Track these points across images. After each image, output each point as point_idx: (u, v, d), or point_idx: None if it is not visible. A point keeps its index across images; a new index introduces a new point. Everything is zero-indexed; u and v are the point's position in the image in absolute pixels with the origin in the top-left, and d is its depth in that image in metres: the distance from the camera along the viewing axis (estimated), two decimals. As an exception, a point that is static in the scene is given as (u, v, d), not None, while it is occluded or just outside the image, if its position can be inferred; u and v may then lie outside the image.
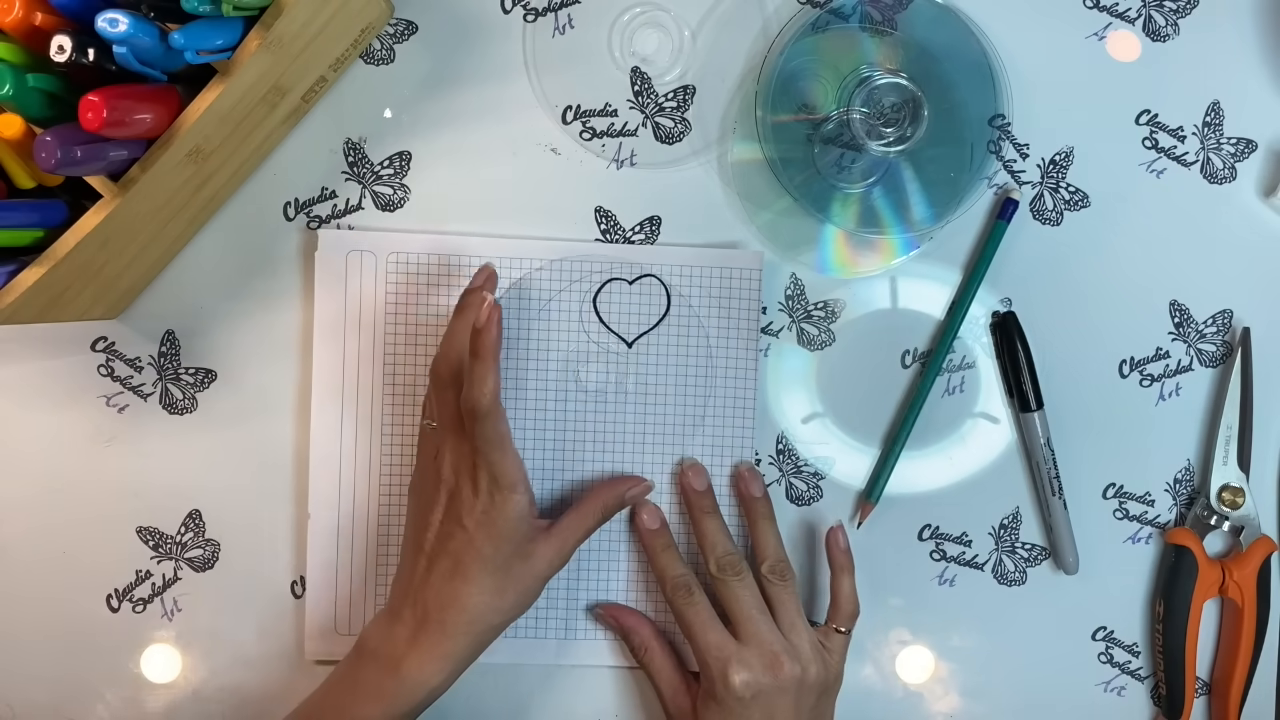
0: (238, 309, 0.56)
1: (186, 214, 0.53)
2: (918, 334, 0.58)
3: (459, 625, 0.49)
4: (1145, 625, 0.58)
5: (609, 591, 0.57)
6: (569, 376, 0.56)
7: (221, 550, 0.57)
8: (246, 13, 0.44)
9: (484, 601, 0.50)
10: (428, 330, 0.56)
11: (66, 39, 0.40)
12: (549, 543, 0.52)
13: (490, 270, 0.55)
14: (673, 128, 0.57)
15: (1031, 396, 0.56)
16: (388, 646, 0.50)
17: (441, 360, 0.51)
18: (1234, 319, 0.58)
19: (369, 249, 0.55)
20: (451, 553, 0.50)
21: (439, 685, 0.50)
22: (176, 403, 0.57)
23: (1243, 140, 0.57)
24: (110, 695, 0.57)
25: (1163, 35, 0.57)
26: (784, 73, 0.55)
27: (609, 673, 0.58)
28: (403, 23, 0.56)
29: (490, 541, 0.50)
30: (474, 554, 0.49)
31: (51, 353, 0.56)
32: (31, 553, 0.56)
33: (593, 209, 0.57)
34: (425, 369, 0.56)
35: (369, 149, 0.56)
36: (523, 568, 0.51)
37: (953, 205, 0.55)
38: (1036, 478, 0.57)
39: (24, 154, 0.46)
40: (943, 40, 0.55)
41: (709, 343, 0.56)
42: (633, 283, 0.56)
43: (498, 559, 0.50)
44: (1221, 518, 0.57)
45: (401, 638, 0.50)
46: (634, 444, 0.57)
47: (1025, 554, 0.58)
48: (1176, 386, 0.58)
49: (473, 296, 0.53)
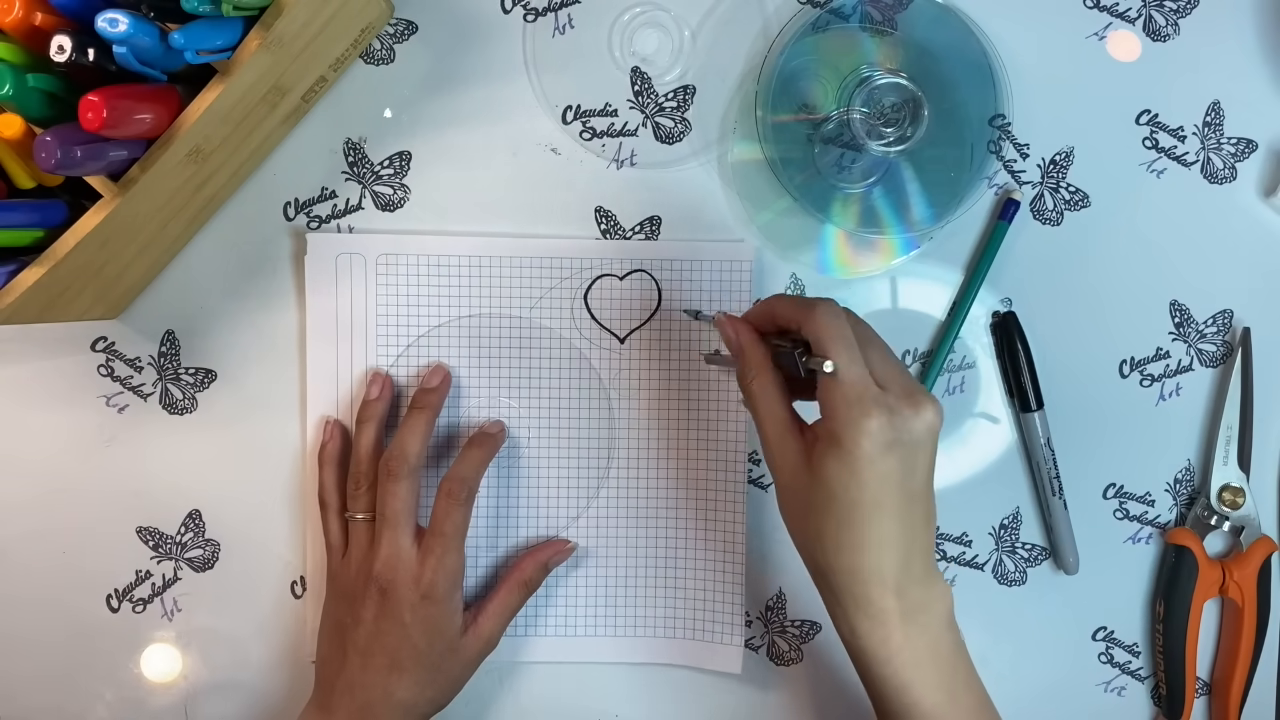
0: (238, 309, 0.56)
1: (186, 214, 0.53)
2: (918, 334, 0.58)
3: (394, 718, 0.51)
4: (1145, 625, 0.58)
5: (608, 590, 0.57)
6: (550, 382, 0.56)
7: (221, 550, 0.57)
8: (246, 13, 0.44)
9: (417, 693, 0.51)
10: (419, 332, 0.56)
11: (66, 39, 0.40)
12: (477, 633, 0.53)
13: (445, 371, 0.55)
14: (673, 128, 0.57)
15: (1032, 396, 0.56)
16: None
17: (397, 455, 0.52)
18: (1234, 319, 0.58)
19: (359, 251, 0.55)
20: (388, 650, 0.50)
21: None
22: (176, 403, 0.57)
23: (1243, 140, 0.57)
24: (110, 695, 0.57)
25: (1163, 35, 0.57)
26: (784, 73, 0.55)
27: (610, 670, 0.58)
28: (403, 23, 0.56)
29: (425, 637, 0.51)
30: (409, 649, 0.50)
31: (51, 353, 0.56)
32: (31, 553, 0.56)
33: (593, 209, 0.57)
34: (419, 369, 0.56)
35: (369, 149, 0.56)
36: (453, 660, 0.52)
37: (953, 205, 0.55)
38: (1037, 478, 0.57)
39: (24, 154, 0.46)
40: (943, 40, 0.55)
41: (702, 338, 0.56)
42: (623, 278, 0.56)
43: (431, 655, 0.51)
44: (1222, 518, 0.57)
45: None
46: (630, 443, 0.57)
47: (1025, 554, 0.58)
48: (1177, 386, 0.58)
49: (431, 396, 0.54)
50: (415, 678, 0.51)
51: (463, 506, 0.52)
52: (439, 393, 0.54)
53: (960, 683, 0.44)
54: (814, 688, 0.58)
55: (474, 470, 0.53)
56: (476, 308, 0.56)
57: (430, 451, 0.54)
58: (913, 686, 0.43)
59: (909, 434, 0.41)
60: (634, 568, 0.57)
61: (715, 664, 0.57)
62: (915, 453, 0.42)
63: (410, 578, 0.50)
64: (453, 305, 0.56)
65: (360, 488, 0.53)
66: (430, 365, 0.56)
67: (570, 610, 0.57)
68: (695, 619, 0.57)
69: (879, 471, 0.41)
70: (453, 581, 0.51)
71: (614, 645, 0.57)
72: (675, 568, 0.57)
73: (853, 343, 0.42)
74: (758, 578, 0.58)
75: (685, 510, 0.57)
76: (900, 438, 0.41)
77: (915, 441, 0.41)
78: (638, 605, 0.57)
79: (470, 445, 0.54)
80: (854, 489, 0.41)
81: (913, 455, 0.41)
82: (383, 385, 0.55)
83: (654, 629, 0.57)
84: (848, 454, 0.41)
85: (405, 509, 0.51)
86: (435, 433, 0.55)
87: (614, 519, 0.57)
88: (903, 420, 0.41)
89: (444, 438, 0.56)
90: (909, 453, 0.41)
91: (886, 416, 0.41)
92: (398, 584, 0.50)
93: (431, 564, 0.50)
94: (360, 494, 0.53)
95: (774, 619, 0.58)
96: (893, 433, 0.41)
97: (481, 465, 0.53)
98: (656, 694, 0.57)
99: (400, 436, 0.52)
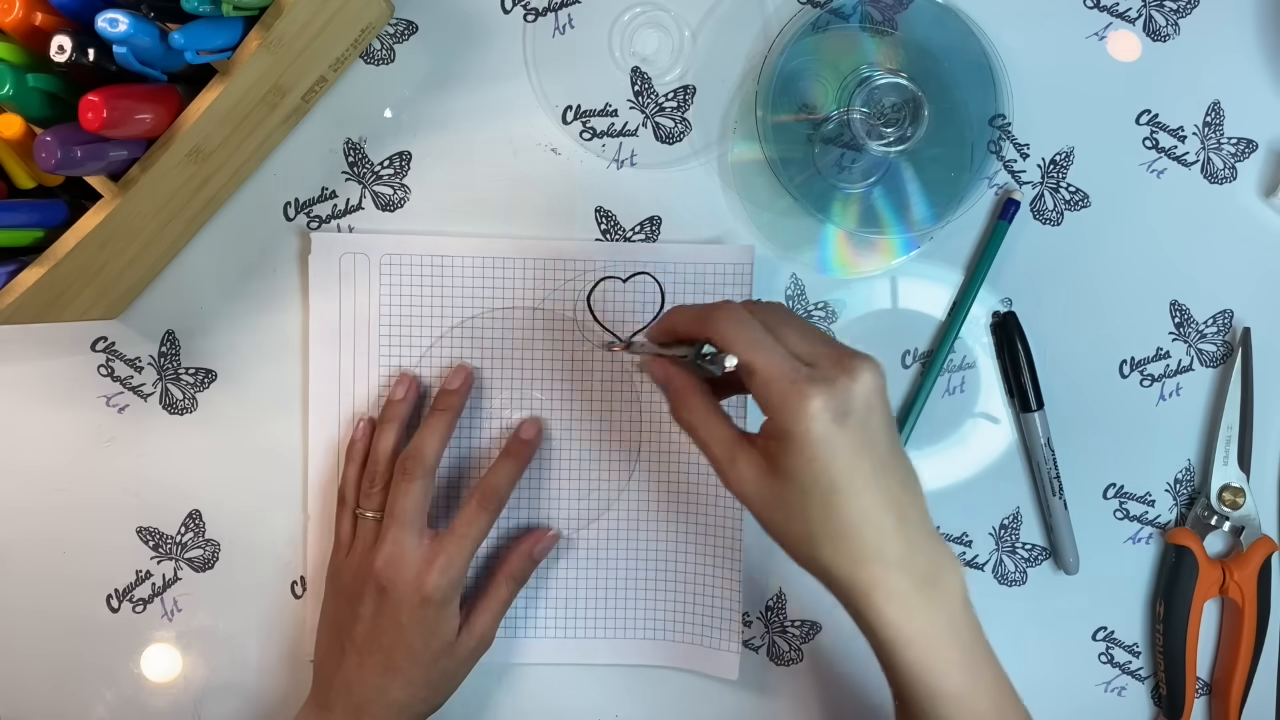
0: (238, 309, 0.56)
1: (186, 214, 0.53)
2: (918, 334, 0.58)
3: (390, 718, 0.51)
4: (1145, 625, 0.58)
5: (606, 590, 0.57)
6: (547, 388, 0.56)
7: (221, 550, 0.57)
8: (246, 13, 0.44)
9: (412, 693, 0.51)
10: (423, 331, 0.56)
11: (66, 39, 0.40)
12: (472, 631, 0.53)
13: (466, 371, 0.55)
14: (673, 128, 0.57)
15: (1032, 396, 0.56)
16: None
17: (413, 455, 0.52)
18: (1234, 319, 0.58)
19: (362, 251, 0.55)
20: (384, 648, 0.50)
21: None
22: (176, 403, 0.57)
23: (1243, 140, 0.57)
24: (110, 695, 0.57)
25: (1163, 35, 0.57)
26: (784, 73, 0.55)
27: (610, 671, 0.58)
28: (403, 23, 0.56)
29: (422, 639, 0.51)
30: (405, 650, 0.50)
31: (51, 353, 0.56)
32: (31, 553, 0.56)
33: (593, 209, 0.57)
34: (419, 369, 0.56)
35: (369, 149, 0.56)
36: (449, 660, 0.52)
37: (953, 205, 0.55)
38: (1037, 478, 0.57)
39: (24, 154, 0.46)
40: (943, 40, 0.55)
41: None
42: (626, 280, 0.56)
43: (426, 654, 0.51)
44: (1222, 518, 0.57)
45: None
46: (629, 445, 0.57)
47: (1025, 554, 0.58)
48: (1177, 386, 0.58)
49: (452, 398, 0.54)
50: (410, 677, 0.51)
51: (490, 516, 0.52)
52: (460, 394, 0.54)
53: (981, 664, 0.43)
54: (814, 688, 0.58)
55: (508, 480, 0.53)
56: (479, 309, 0.56)
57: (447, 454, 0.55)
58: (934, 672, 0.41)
59: (854, 400, 0.39)
60: (633, 570, 0.57)
61: (712, 669, 0.57)
62: (869, 417, 0.40)
63: (412, 578, 0.50)
64: (456, 306, 0.56)
65: (375, 486, 0.53)
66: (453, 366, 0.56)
67: (570, 611, 0.57)
68: (692, 623, 0.57)
69: (838, 448, 0.39)
70: (455, 587, 0.51)
71: (611, 647, 0.57)
72: (672, 571, 0.57)
73: (762, 335, 0.41)
74: (758, 578, 0.58)
75: (683, 514, 0.57)
76: (846, 407, 0.39)
77: (864, 406, 0.39)
78: (636, 608, 0.57)
79: (505, 454, 0.54)
80: (821, 475, 0.39)
81: (866, 420, 0.40)
82: (408, 387, 0.55)
83: (651, 632, 0.57)
84: (801, 441, 0.39)
85: (416, 509, 0.51)
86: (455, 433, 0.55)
87: (614, 520, 0.57)
88: (843, 389, 0.39)
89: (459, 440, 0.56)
90: (862, 419, 0.39)
91: (825, 391, 0.39)
92: (398, 584, 0.50)
93: (439, 565, 0.50)
94: (374, 492, 0.53)
95: (774, 619, 0.58)
96: (837, 404, 0.39)
97: (515, 475, 0.54)
98: (656, 694, 0.57)
99: (419, 437, 0.53)
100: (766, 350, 0.40)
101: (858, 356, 0.41)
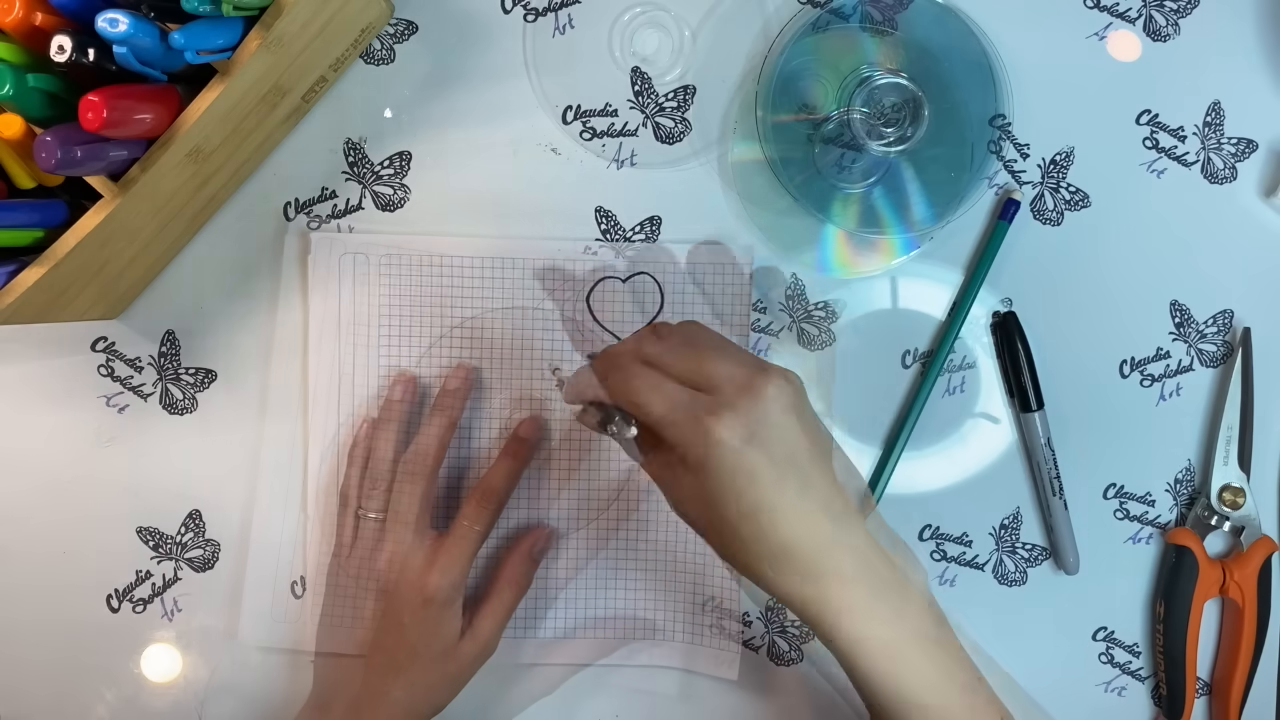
0: (238, 309, 0.56)
1: (186, 214, 0.53)
2: (918, 334, 0.58)
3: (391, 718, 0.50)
4: (1146, 625, 0.58)
5: (606, 591, 0.57)
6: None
7: (221, 550, 0.57)
8: (246, 13, 0.44)
9: (413, 694, 0.51)
10: (423, 331, 0.56)
11: (66, 39, 0.40)
12: (474, 637, 0.52)
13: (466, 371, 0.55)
14: (673, 128, 0.57)
15: (1032, 396, 0.56)
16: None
17: (415, 456, 0.52)
18: (1234, 319, 0.58)
19: (362, 251, 0.55)
20: (385, 649, 0.51)
21: None
22: (176, 403, 0.57)
23: (1243, 140, 0.57)
24: (110, 695, 0.57)
25: (1163, 35, 0.57)
26: (784, 73, 0.55)
27: (609, 672, 0.58)
28: (403, 23, 0.56)
29: (423, 640, 0.51)
30: (406, 651, 0.50)
31: (51, 353, 0.56)
32: (32, 553, 0.56)
33: (593, 209, 0.57)
34: (419, 369, 0.56)
35: (369, 149, 0.56)
36: (450, 663, 0.52)
37: (953, 205, 0.55)
38: (1037, 478, 0.57)
39: (24, 154, 0.46)
40: (943, 40, 0.55)
41: None
42: (626, 280, 0.56)
43: (428, 655, 0.51)
44: (1222, 518, 0.57)
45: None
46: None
47: (1026, 554, 0.58)
48: (1177, 387, 0.58)
49: (452, 399, 0.54)
50: (411, 678, 0.51)
51: (490, 515, 0.52)
52: (460, 395, 0.54)
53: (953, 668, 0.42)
54: (814, 688, 0.58)
55: (507, 480, 0.53)
56: (479, 309, 0.56)
57: None
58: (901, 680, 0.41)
59: (759, 421, 0.39)
60: (633, 570, 0.57)
61: (712, 669, 0.57)
62: (780, 434, 0.39)
63: (415, 579, 0.50)
64: (456, 306, 0.56)
65: (377, 487, 0.53)
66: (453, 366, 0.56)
67: (569, 612, 0.57)
68: (692, 623, 0.57)
69: (753, 470, 0.39)
70: (456, 587, 0.51)
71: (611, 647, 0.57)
72: (672, 571, 0.57)
73: (651, 380, 0.41)
74: (758, 578, 0.57)
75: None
76: (752, 429, 0.39)
77: (773, 424, 0.39)
78: (636, 608, 0.57)
79: (504, 454, 0.54)
80: (743, 498, 0.39)
81: (778, 437, 0.39)
82: (406, 387, 0.55)
83: (651, 632, 0.57)
84: (715, 473, 0.39)
85: (418, 509, 0.51)
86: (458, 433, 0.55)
87: (613, 520, 0.57)
88: (745, 411, 0.39)
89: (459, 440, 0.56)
90: (772, 437, 0.39)
91: (727, 417, 0.39)
92: (401, 584, 0.50)
93: (442, 566, 0.50)
94: (376, 493, 0.53)
95: (774, 619, 0.58)
96: (742, 428, 0.39)
97: (515, 475, 0.54)
98: (656, 694, 0.57)
99: (420, 438, 0.53)
100: (658, 393, 0.40)
101: (762, 374, 0.40)
